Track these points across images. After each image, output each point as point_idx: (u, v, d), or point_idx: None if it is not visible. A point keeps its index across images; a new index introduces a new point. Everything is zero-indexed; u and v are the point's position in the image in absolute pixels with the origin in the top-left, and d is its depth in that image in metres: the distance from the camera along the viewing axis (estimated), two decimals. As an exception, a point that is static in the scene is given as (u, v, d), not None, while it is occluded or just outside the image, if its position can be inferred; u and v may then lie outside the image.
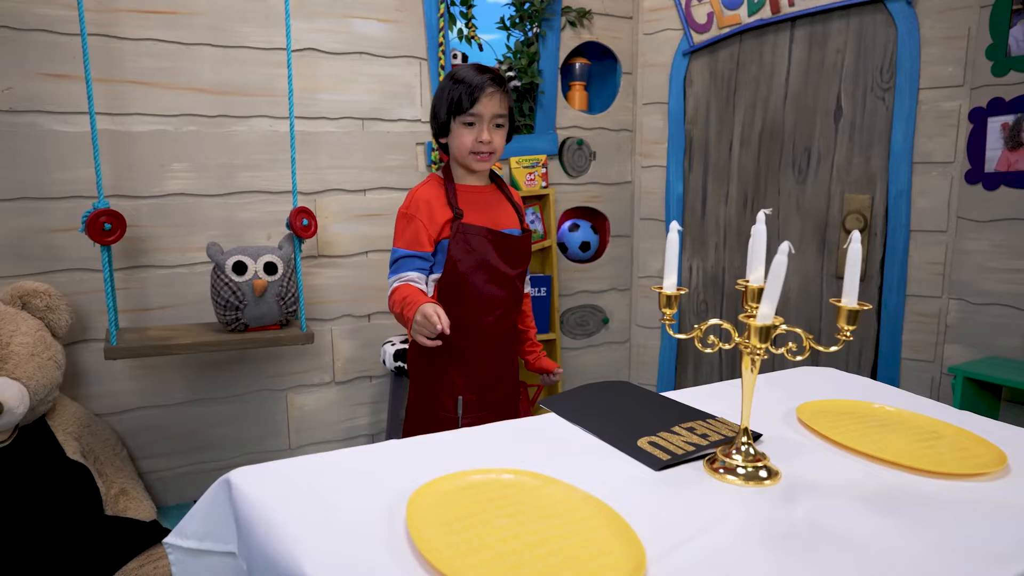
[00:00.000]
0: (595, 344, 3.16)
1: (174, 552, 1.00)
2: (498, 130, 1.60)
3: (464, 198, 1.62)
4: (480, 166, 1.63)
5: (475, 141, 1.58)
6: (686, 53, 2.91)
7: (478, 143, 1.58)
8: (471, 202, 1.63)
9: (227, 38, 2.27)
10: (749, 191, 2.82)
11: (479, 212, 1.63)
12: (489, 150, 1.60)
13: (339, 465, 1.02)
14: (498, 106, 1.58)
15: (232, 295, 2.05)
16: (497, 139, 1.60)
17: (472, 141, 1.58)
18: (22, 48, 2.02)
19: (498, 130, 1.60)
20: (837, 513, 0.91)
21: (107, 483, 2.05)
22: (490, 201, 1.67)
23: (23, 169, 2.06)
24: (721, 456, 1.03)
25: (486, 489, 0.93)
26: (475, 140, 1.58)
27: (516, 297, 1.72)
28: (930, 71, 2.30)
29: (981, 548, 0.84)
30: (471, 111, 1.56)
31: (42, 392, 1.89)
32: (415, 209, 1.60)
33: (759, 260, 1.00)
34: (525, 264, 1.72)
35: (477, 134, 1.57)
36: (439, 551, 0.77)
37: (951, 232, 2.29)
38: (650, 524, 0.86)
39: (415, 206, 1.61)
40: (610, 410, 1.27)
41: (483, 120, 1.57)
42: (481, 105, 1.55)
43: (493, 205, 1.67)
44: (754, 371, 0.97)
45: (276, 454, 2.49)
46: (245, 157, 2.34)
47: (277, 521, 0.85)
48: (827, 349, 0.96)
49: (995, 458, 1.06)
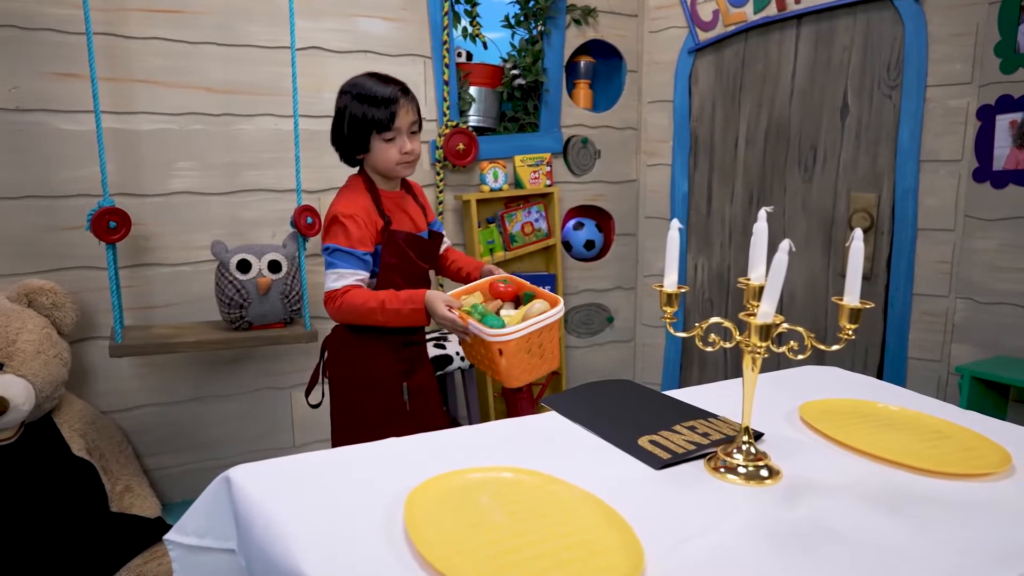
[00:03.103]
0: (600, 343, 3.15)
1: (175, 549, 1.00)
2: (414, 136, 1.65)
3: (388, 205, 1.67)
4: (407, 172, 1.68)
5: (399, 153, 1.62)
6: (691, 51, 2.89)
7: (403, 154, 1.62)
8: (393, 209, 1.68)
9: (233, 37, 2.28)
10: (755, 189, 2.80)
11: (400, 218, 1.69)
12: (413, 158, 1.65)
13: (339, 463, 1.02)
14: (412, 114, 1.62)
15: (236, 293, 2.06)
16: (416, 146, 1.65)
17: (397, 153, 1.62)
18: (30, 47, 2.04)
19: (414, 136, 1.65)
20: (839, 513, 0.91)
21: (112, 480, 2.06)
22: (405, 206, 1.72)
23: (30, 168, 2.07)
24: (722, 455, 1.02)
25: (485, 487, 0.93)
26: (399, 152, 1.62)
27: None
28: (938, 68, 2.28)
29: (985, 548, 0.83)
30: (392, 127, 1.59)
31: (48, 389, 1.90)
32: (361, 213, 1.61)
33: (760, 258, 1.00)
34: (435, 260, 1.83)
35: (400, 146, 1.61)
36: (437, 549, 0.77)
37: (958, 231, 2.28)
38: (650, 523, 0.86)
39: (360, 210, 1.61)
40: (611, 409, 1.27)
41: (402, 132, 1.61)
42: (398, 119, 1.59)
43: (408, 209, 1.73)
44: (755, 370, 0.97)
45: (281, 451, 2.50)
46: (250, 156, 2.35)
47: (275, 518, 0.85)
48: (829, 348, 0.95)
49: (1000, 458, 1.05)
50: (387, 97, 1.57)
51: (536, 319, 1.55)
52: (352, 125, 1.60)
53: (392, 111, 1.57)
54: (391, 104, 1.57)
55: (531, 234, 2.84)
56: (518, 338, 1.52)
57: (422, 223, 1.77)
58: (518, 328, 1.52)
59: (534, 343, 1.58)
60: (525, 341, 1.55)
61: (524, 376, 1.60)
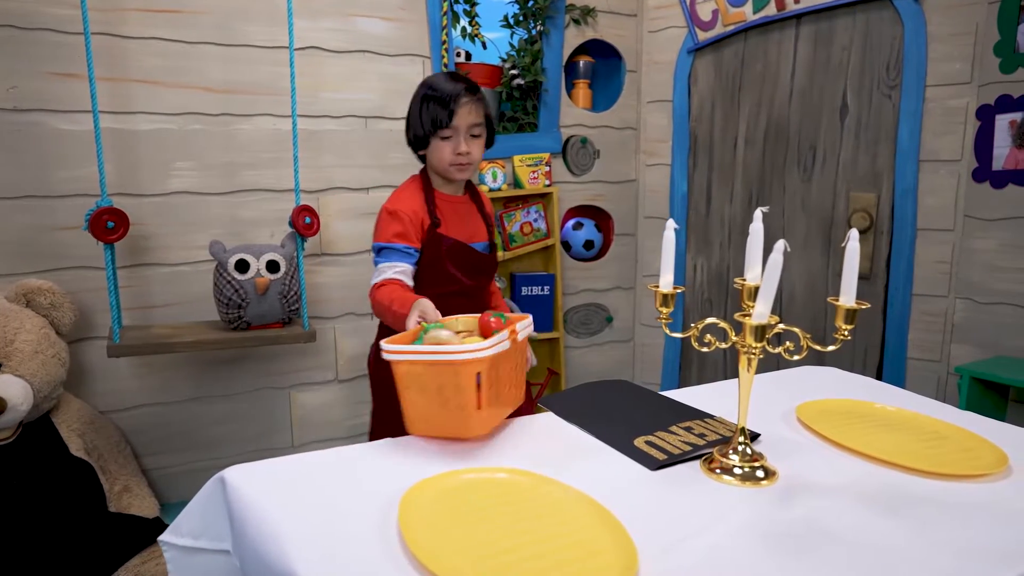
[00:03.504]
0: (599, 343, 3.15)
1: (169, 550, 1.00)
2: (475, 140, 1.60)
3: (442, 207, 1.64)
4: (460, 175, 1.64)
5: (453, 153, 1.59)
6: (691, 51, 2.89)
7: (456, 155, 1.59)
8: (447, 212, 1.64)
9: (231, 37, 2.28)
10: (754, 189, 2.80)
11: (454, 223, 1.65)
12: (468, 161, 1.61)
13: (333, 463, 1.02)
14: (474, 116, 1.58)
15: (234, 293, 2.06)
16: (475, 149, 1.61)
17: (450, 154, 1.59)
18: (28, 47, 2.03)
19: (475, 140, 1.60)
20: (835, 513, 0.90)
21: (111, 480, 2.06)
22: (464, 212, 1.68)
23: (28, 167, 2.07)
24: (718, 456, 1.02)
25: (480, 488, 0.93)
26: (453, 152, 1.58)
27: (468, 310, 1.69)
28: (937, 68, 2.27)
29: (982, 549, 0.83)
30: (449, 126, 1.56)
31: (45, 389, 1.90)
32: (406, 210, 1.60)
33: (756, 258, 1.00)
34: (486, 280, 1.73)
35: (455, 147, 1.58)
36: (431, 550, 0.77)
37: (958, 231, 2.27)
38: (645, 525, 0.86)
39: (404, 207, 1.60)
40: (608, 409, 1.27)
41: (460, 132, 1.57)
42: (458, 118, 1.56)
43: (466, 217, 1.68)
44: (751, 370, 0.97)
45: (279, 452, 2.50)
46: (249, 155, 2.35)
47: (269, 519, 0.85)
48: (825, 348, 0.95)
49: (997, 459, 1.05)
50: (449, 94, 1.54)
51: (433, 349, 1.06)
52: (413, 120, 1.59)
53: (451, 109, 1.54)
54: (452, 102, 1.54)
55: (530, 234, 2.84)
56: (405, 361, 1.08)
57: (480, 235, 1.70)
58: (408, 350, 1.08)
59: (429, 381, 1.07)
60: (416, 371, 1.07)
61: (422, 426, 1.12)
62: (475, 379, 1.04)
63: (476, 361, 1.03)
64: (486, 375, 1.05)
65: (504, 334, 1.10)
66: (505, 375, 1.15)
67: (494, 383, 1.09)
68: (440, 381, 1.06)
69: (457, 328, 1.25)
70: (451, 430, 1.10)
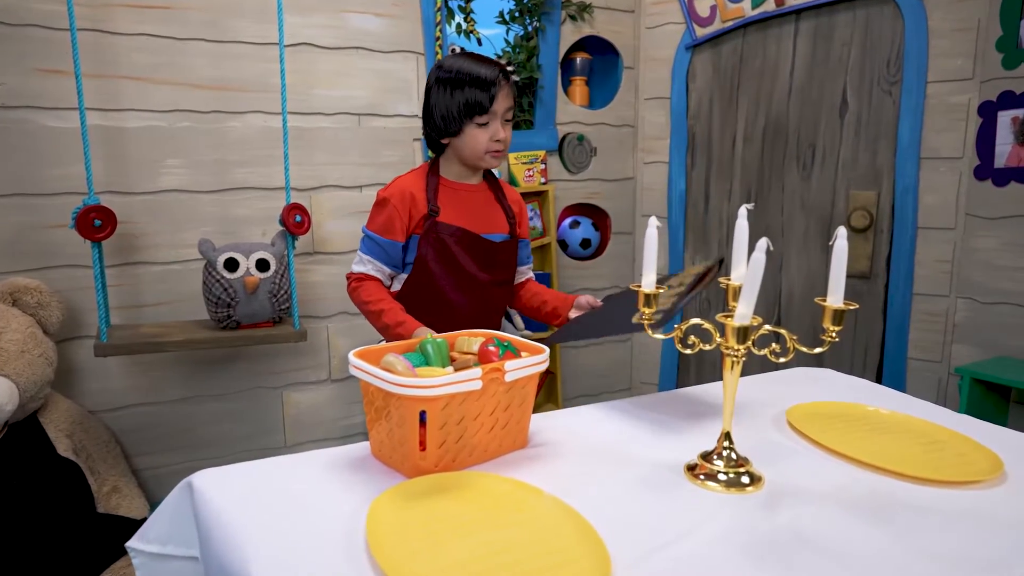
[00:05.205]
0: (597, 343, 3.12)
1: (138, 556, 0.98)
2: (507, 124, 1.53)
3: (446, 195, 1.55)
4: (495, 163, 1.55)
5: (490, 140, 1.50)
6: (689, 47, 2.85)
7: (493, 142, 1.51)
8: (453, 200, 1.55)
9: (221, 33, 2.25)
10: (753, 187, 2.76)
11: (460, 211, 1.55)
12: (503, 147, 1.53)
13: (306, 468, 0.99)
14: (509, 100, 1.51)
15: (224, 292, 2.04)
16: (509, 134, 1.54)
17: (487, 140, 1.50)
18: (15, 43, 2.01)
19: (507, 124, 1.53)
20: (821, 520, 0.87)
21: (99, 480, 2.04)
22: (476, 201, 1.59)
23: (16, 165, 2.05)
24: (702, 462, 0.99)
25: (451, 495, 0.90)
26: (490, 139, 1.50)
27: (487, 305, 1.61)
28: (938, 64, 2.23)
29: (969, 558, 0.80)
30: (488, 111, 1.48)
31: (32, 389, 1.88)
32: (395, 198, 1.53)
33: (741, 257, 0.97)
34: (505, 273, 1.62)
35: (492, 133, 1.50)
36: (397, 560, 0.74)
37: (959, 229, 2.23)
38: (623, 531, 0.83)
39: (395, 194, 1.53)
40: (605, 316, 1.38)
41: (497, 117, 1.50)
42: (497, 102, 1.47)
43: (478, 205, 1.58)
44: (734, 373, 0.93)
45: (272, 452, 2.47)
46: (239, 153, 2.32)
47: (233, 525, 0.82)
48: (811, 350, 0.92)
49: (991, 465, 1.01)
50: (489, 78, 1.46)
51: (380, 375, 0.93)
52: (441, 106, 1.49)
53: (492, 94, 1.46)
54: (491, 86, 1.45)
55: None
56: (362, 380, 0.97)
57: (498, 227, 1.60)
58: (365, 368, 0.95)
59: (381, 406, 0.97)
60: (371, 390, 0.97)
61: (377, 449, 1.02)
62: (418, 417, 0.91)
63: (416, 399, 0.90)
64: (436, 415, 0.91)
65: (475, 372, 0.94)
66: (482, 419, 0.98)
67: (456, 425, 0.94)
68: (388, 408, 0.95)
69: (470, 348, 1.10)
70: (397, 463, 0.97)
